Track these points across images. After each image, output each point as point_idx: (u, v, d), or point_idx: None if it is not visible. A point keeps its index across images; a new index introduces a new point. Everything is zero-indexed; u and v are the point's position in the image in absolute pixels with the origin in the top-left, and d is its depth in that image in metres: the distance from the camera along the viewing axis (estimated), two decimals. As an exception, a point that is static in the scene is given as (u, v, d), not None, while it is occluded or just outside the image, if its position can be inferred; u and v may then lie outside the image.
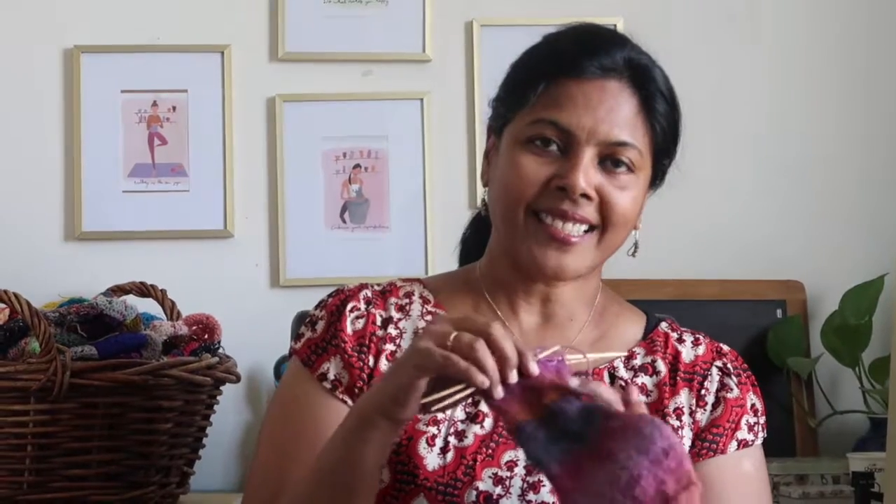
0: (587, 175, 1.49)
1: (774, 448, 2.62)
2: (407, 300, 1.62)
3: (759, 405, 1.62)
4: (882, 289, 2.75)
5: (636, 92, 1.52)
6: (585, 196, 1.49)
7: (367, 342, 1.57)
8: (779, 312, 2.85)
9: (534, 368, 1.27)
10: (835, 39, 2.97)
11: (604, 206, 1.51)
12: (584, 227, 1.51)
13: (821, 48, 2.97)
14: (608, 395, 1.27)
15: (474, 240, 1.73)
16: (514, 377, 1.27)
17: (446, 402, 1.29)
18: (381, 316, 1.60)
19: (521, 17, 2.84)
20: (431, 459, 1.49)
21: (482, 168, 1.63)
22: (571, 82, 1.50)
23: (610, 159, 1.51)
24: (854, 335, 2.70)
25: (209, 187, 2.84)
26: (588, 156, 1.49)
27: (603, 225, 1.52)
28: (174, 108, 2.84)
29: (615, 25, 2.83)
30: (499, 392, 1.26)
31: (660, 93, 1.53)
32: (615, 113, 1.50)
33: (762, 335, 2.82)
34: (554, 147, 1.50)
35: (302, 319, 1.69)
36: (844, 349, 2.73)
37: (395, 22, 2.89)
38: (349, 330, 1.58)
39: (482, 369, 1.26)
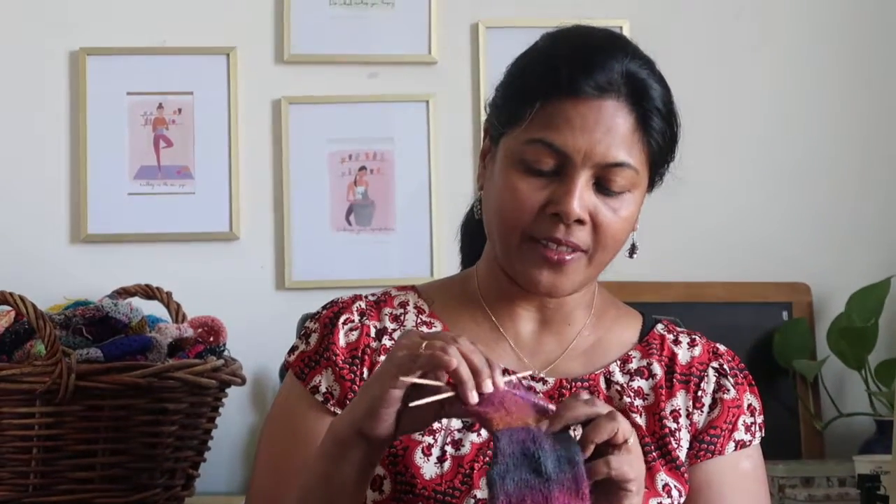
0: (582, 199, 1.48)
1: (780, 450, 2.64)
2: (401, 310, 1.62)
3: (756, 405, 1.63)
4: (888, 291, 2.75)
5: (633, 110, 1.49)
6: (579, 221, 1.49)
7: (360, 354, 1.57)
8: (785, 315, 2.85)
9: (499, 381, 1.29)
10: (842, 39, 2.97)
11: (596, 230, 1.50)
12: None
13: (827, 48, 2.97)
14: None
15: (475, 225, 1.72)
16: (488, 386, 1.29)
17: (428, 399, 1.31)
18: (375, 327, 1.60)
19: (527, 19, 2.84)
20: (428, 469, 1.49)
21: (478, 170, 1.63)
22: (567, 102, 1.48)
23: (606, 180, 1.50)
24: (860, 337, 2.70)
25: (215, 189, 2.84)
26: (583, 178, 1.48)
27: (593, 248, 1.51)
28: (180, 111, 2.85)
29: (621, 28, 2.83)
30: (473, 396, 1.29)
31: (657, 110, 1.51)
32: (612, 134, 1.48)
33: (768, 337, 2.82)
34: (549, 168, 1.49)
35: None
36: (850, 351, 2.73)
37: (400, 24, 2.89)
38: (342, 342, 1.58)
39: (455, 373, 1.28)
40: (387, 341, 1.58)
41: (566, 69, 1.49)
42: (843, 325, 2.75)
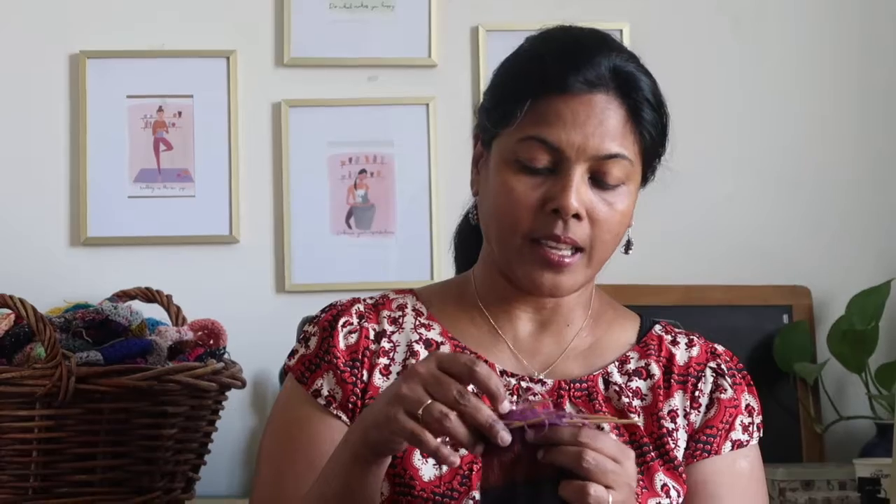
0: (579, 193, 1.49)
1: (780, 453, 2.63)
2: (400, 313, 1.62)
3: (754, 405, 1.63)
4: (888, 294, 2.75)
5: (623, 102, 1.51)
6: (576, 216, 1.49)
7: (360, 357, 1.58)
8: (785, 318, 2.85)
9: (506, 437, 1.27)
10: (841, 41, 2.97)
11: (594, 225, 1.51)
12: (573, 247, 1.51)
13: (826, 51, 2.97)
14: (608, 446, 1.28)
15: (469, 232, 1.72)
16: (505, 407, 1.28)
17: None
18: (373, 330, 1.60)
19: (527, 23, 2.80)
20: (427, 470, 1.49)
21: (472, 177, 1.63)
22: (558, 99, 1.49)
23: (601, 174, 1.50)
24: (860, 341, 2.70)
25: (215, 192, 2.83)
26: (579, 173, 1.49)
27: (591, 244, 1.52)
28: (180, 114, 2.85)
29: (621, 31, 2.84)
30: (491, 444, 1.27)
31: (646, 101, 1.52)
32: (604, 127, 1.49)
33: (768, 341, 2.82)
34: (543, 165, 1.50)
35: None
36: (851, 355, 2.73)
37: (400, 27, 2.89)
38: (342, 345, 1.58)
39: (455, 439, 1.27)
40: (385, 343, 1.59)
41: (555, 66, 1.50)
42: (843, 328, 2.74)
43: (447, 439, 1.28)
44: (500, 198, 1.52)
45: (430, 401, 1.28)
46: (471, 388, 1.29)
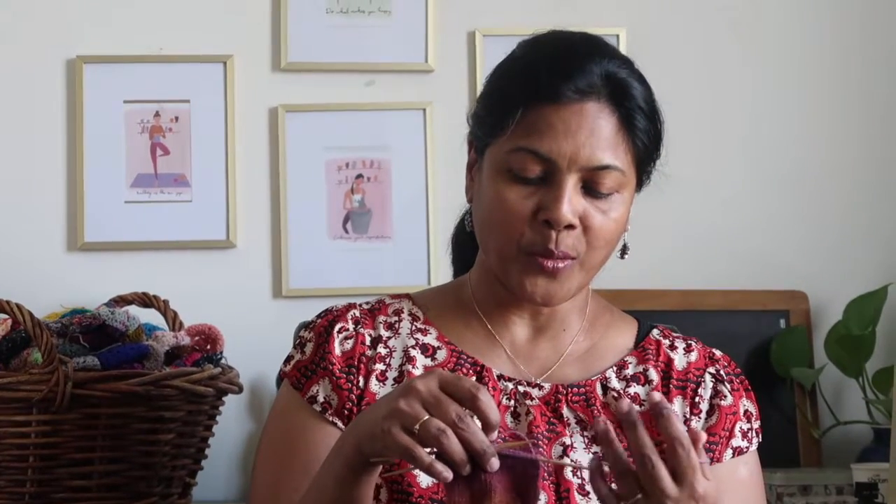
0: (571, 204, 1.48)
1: (778, 459, 2.63)
2: (396, 318, 1.62)
3: (752, 410, 1.63)
4: (886, 299, 2.75)
5: (615, 110, 1.49)
6: (570, 225, 1.49)
7: (356, 363, 1.57)
8: (782, 323, 2.85)
9: (494, 464, 1.27)
10: (838, 45, 2.97)
11: (588, 233, 1.50)
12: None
13: (823, 56, 2.97)
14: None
15: (465, 236, 1.72)
16: (492, 466, 1.27)
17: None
18: (370, 335, 1.60)
19: (524, 27, 2.80)
20: (425, 477, 1.49)
21: (466, 183, 1.62)
22: (549, 108, 1.48)
23: (594, 183, 1.50)
24: (858, 345, 2.70)
25: (212, 197, 2.83)
26: (570, 183, 1.48)
27: (585, 251, 1.51)
28: (177, 119, 2.84)
29: (618, 36, 2.84)
30: (475, 469, 1.27)
31: (639, 108, 1.51)
32: (595, 136, 1.48)
33: (766, 345, 2.81)
34: (536, 175, 1.49)
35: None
36: (848, 359, 2.73)
37: (397, 32, 2.89)
38: (337, 351, 1.58)
39: (450, 457, 1.26)
40: (381, 349, 1.58)
41: (546, 75, 1.49)
42: (840, 333, 2.74)
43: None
44: (493, 207, 1.52)
45: (427, 416, 1.28)
46: None
